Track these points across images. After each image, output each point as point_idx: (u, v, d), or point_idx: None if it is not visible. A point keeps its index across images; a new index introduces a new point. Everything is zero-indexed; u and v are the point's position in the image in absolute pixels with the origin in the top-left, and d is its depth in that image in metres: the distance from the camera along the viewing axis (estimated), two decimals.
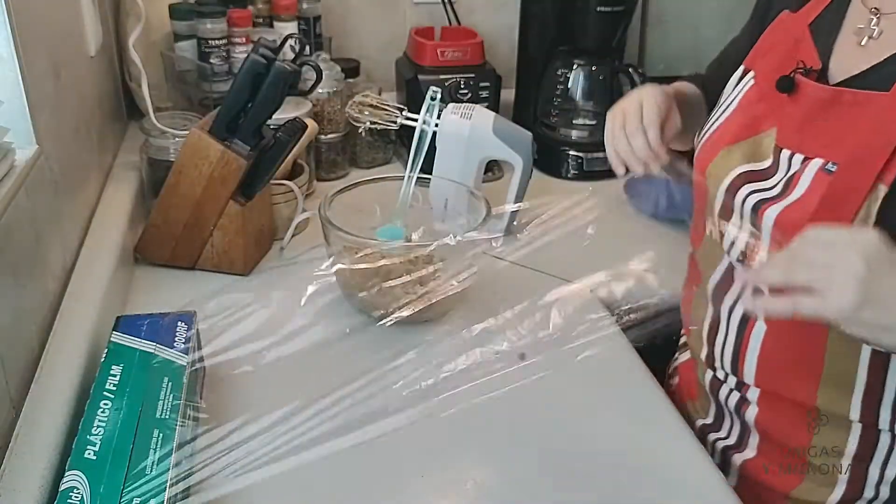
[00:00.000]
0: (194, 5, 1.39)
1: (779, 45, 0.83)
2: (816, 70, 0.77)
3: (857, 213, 0.67)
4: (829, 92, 0.74)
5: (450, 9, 1.63)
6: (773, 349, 0.79)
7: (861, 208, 0.67)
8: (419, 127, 1.15)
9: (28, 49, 0.84)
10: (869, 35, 0.74)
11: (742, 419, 0.87)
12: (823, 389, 0.77)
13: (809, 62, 0.77)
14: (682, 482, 0.79)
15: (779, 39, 0.83)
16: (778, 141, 0.78)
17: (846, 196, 0.68)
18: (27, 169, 0.81)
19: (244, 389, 0.85)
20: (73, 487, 0.63)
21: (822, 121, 0.74)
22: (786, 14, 0.85)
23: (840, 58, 0.76)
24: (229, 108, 1.01)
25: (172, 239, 1.08)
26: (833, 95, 0.73)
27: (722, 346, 0.85)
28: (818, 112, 0.74)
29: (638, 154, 0.86)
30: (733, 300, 0.83)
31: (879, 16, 0.74)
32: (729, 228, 0.81)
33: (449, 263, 1.01)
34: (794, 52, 0.80)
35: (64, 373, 0.77)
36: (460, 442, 0.83)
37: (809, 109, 0.75)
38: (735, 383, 0.86)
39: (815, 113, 0.75)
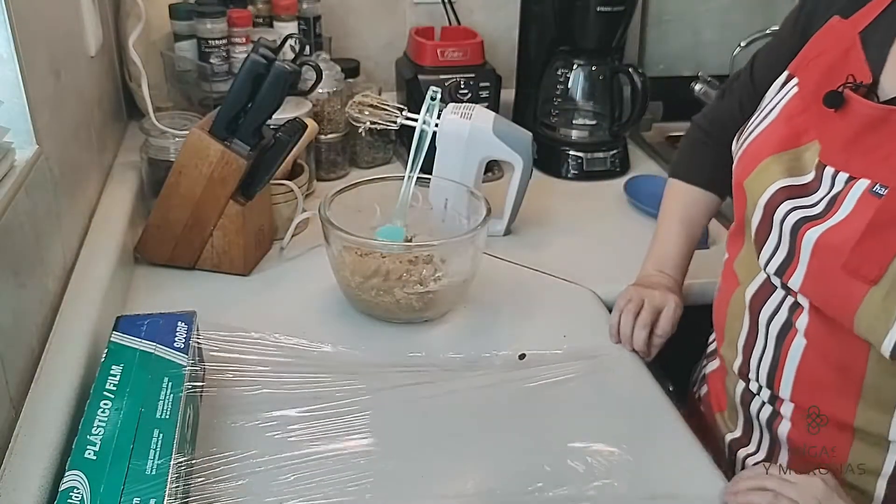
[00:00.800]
0: (194, 5, 1.39)
1: (827, 53, 0.78)
2: (867, 85, 0.72)
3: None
4: (881, 110, 0.69)
5: (450, 9, 1.63)
6: (812, 364, 0.77)
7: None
8: (419, 127, 1.15)
9: (28, 49, 0.84)
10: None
11: (773, 433, 0.85)
12: (863, 408, 0.75)
13: (859, 76, 0.73)
14: (681, 482, 0.79)
15: (827, 47, 0.78)
16: (821, 157, 0.74)
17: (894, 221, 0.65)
18: (27, 169, 0.81)
19: (243, 389, 0.85)
20: (73, 487, 0.63)
21: (871, 139, 0.70)
22: (836, 20, 0.79)
23: (893, 72, 0.72)
24: (229, 108, 1.01)
25: (172, 239, 1.08)
26: (884, 114, 0.69)
27: (759, 358, 0.83)
28: (867, 130, 0.70)
29: (635, 343, 0.96)
30: (772, 311, 0.80)
31: None
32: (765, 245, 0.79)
33: (449, 263, 1.01)
34: (844, 63, 0.75)
35: (64, 373, 0.77)
36: (460, 442, 0.83)
37: (858, 127, 0.71)
38: (769, 397, 0.84)
39: (863, 131, 0.71)
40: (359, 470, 0.77)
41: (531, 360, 0.94)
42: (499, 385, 0.90)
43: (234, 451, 0.77)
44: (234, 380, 0.85)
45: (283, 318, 0.99)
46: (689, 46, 1.73)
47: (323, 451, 0.78)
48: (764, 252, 0.79)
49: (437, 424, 0.85)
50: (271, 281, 1.11)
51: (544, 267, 1.16)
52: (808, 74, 0.79)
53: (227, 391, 0.84)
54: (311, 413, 0.83)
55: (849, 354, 0.73)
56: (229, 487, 0.73)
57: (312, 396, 0.84)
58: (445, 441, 0.83)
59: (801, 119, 0.77)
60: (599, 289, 1.12)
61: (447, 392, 0.89)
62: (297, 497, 0.73)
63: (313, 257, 1.16)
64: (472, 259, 1.01)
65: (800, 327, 0.78)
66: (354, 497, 0.74)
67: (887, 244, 0.65)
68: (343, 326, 1.00)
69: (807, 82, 0.79)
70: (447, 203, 1.22)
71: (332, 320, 1.02)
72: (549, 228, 1.29)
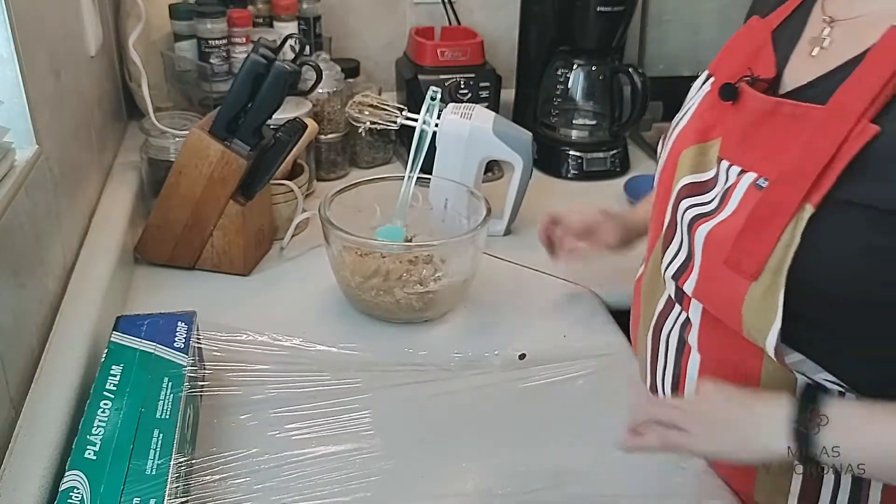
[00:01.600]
0: (194, 5, 1.39)
1: (740, 51, 0.79)
2: (767, 79, 0.72)
3: (782, 236, 0.64)
4: (770, 103, 0.70)
5: (450, 9, 1.63)
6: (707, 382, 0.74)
7: (785, 230, 0.64)
8: (419, 127, 1.15)
9: (28, 49, 0.84)
10: (820, 45, 0.71)
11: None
12: None
13: (763, 71, 0.73)
14: (681, 482, 0.79)
15: (742, 45, 0.80)
16: (721, 152, 0.74)
17: (772, 215, 0.65)
18: (27, 169, 0.81)
19: (243, 389, 0.85)
20: (73, 487, 0.63)
21: (762, 133, 0.70)
22: (755, 19, 0.80)
23: (793, 67, 0.73)
24: (229, 108, 1.01)
25: (172, 239, 1.08)
26: (773, 107, 0.69)
27: (662, 374, 0.83)
28: (758, 124, 0.70)
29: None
30: (668, 330, 0.80)
31: (833, 24, 0.71)
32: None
33: (449, 263, 1.01)
34: (754, 61, 0.75)
35: (64, 373, 0.77)
36: (460, 441, 0.83)
37: (751, 120, 0.71)
38: None
39: (754, 124, 0.71)
40: (358, 469, 0.77)
41: (531, 360, 0.94)
42: (499, 385, 0.90)
43: (234, 451, 0.77)
44: (234, 380, 0.85)
45: (283, 318, 0.99)
46: (689, 46, 1.73)
47: (323, 450, 0.79)
48: (667, 254, 0.78)
49: (437, 424, 0.85)
50: (271, 281, 1.11)
51: (544, 267, 1.16)
52: (721, 72, 0.80)
53: (227, 391, 0.84)
54: (311, 413, 0.83)
55: (742, 363, 0.73)
56: (229, 487, 0.73)
57: (312, 396, 0.85)
58: (445, 440, 0.83)
59: (710, 115, 0.78)
60: (599, 289, 1.12)
61: (447, 392, 0.89)
62: (297, 496, 0.73)
63: (313, 257, 1.16)
64: (472, 259, 1.01)
65: (692, 343, 0.77)
66: (354, 496, 0.74)
67: (764, 239, 0.65)
68: (343, 326, 1.00)
69: (719, 79, 0.79)
70: (447, 203, 1.22)
71: (332, 320, 1.02)
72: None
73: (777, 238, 0.64)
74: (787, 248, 0.64)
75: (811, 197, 0.63)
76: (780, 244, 0.64)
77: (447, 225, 1.13)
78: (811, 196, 0.63)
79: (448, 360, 0.93)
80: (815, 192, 0.63)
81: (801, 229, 0.63)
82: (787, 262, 0.64)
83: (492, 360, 0.94)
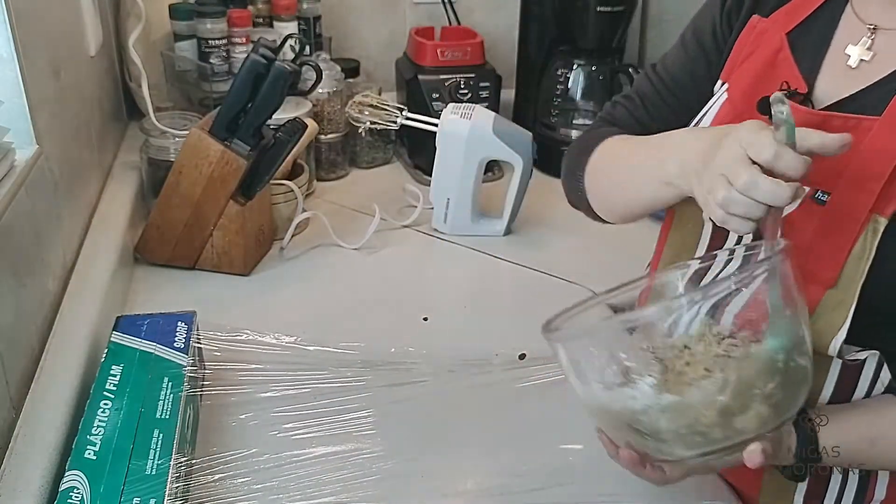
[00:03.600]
0: (194, 5, 1.39)
1: (755, 57, 0.75)
2: (802, 94, 0.69)
3: (854, 247, 0.63)
4: (818, 117, 0.67)
5: (450, 9, 1.63)
6: None
7: (857, 241, 0.63)
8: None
9: (28, 49, 0.84)
10: (862, 58, 0.68)
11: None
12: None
13: (793, 83, 0.70)
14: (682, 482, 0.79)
15: (753, 49, 0.76)
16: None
17: (841, 227, 0.64)
18: (27, 169, 0.81)
19: (243, 389, 0.85)
20: (73, 487, 0.63)
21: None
22: (757, 19, 0.76)
23: (828, 79, 0.70)
24: (229, 108, 1.01)
25: (172, 239, 1.08)
26: (822, 119, 0.66)
27: None
28: None
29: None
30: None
31: (875, 34, 0.67)
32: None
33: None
34: (772, 67, 0.73)
35: (64, 373, 0.77)
36: (460, 441, 0.83)
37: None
38: None
39: None
40: (359, 468, 0.77)
41: (531, 360, 0.94)
42: (499, 385, 0.90)
43: (234, 451, 0.77)
44: (234, 380, 0.85)
45: (283, 318, 0.99)
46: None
47: (323, 449, 0.79)
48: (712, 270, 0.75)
49: (438, 423, 0.85)
50: (271, 281, 1.11)
51: (544, 267, 1.16)
52: (737, 81, 0.76)
53: (227, 391, 0.84)
54: (311, 412, 0.83)
55: None
56: (229, 487, 0.73)
57: (312, 396, 0.84)
58: (446, 440, 0.83)
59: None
60: (599, 289, 1.11)
61: (447, 391, 0.89)
62: (297, 496, 0.73)
63: (313, 257, 1.16)
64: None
65: None
66: (355, 495, 0.74)
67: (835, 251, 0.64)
68: (343, 326, 1.00)
69: (736, 87, 0.76)
70: (448, 203, 1.23)
71: (332, 320, 1.01)
72: (549, 228, 1.29)
73: (849, 249, 0.63)
74: (858, 260, 0.63)
75: (881, 207, 0.62)
76: (852, 256, 0.63)
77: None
78: (881, 207, 0.62)
79: (448, 360, 0.93)
80: (884, 203, 0.62)
81: (876, 242, 0.62)
82: (862, 274, 0.63)
83: (492, 360, 0.94)
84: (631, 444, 0.64)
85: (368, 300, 1.08)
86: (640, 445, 0.63)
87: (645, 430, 0.61)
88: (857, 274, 0.63)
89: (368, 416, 0.83)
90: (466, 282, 1.16)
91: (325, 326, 0.99)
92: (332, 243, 1.18)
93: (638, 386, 0.60)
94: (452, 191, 1.21)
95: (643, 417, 0.60)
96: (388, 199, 1.31)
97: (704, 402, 0.58)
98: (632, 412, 0.60)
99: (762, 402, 0.58)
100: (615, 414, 0.62)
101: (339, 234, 1.19)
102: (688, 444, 0.60)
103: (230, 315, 0.97)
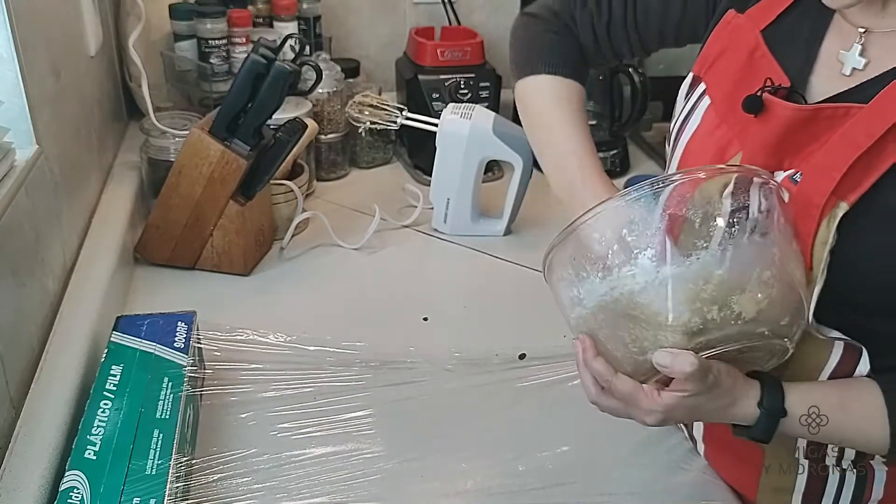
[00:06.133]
0: (194, 5, 1.39)
1: (729, 56, 0.75)
2: (786, 88, 0.69)
3: (817, 232, 0.63)
4: (807, 111, 0.66)
5: (450, 9, 1.63)
6: None
7: (820, 226, 0.63)
8: None
9: (28, 49, 0.84)
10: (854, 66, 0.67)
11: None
12: None
13: (777, 79, 0.70)
14: (681, 482, 0.79)
15: (728, 45, 0.75)
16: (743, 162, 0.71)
17: (807, 211, 0.64)
18: (27, 169, 0.81)
19: (243, 389, 0.85)
20: (73, 487, 0.63)
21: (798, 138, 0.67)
22: (732, 14, 0.75)
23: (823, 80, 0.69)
24: (229, 108, 1.01)
25: (172, 239, 1.08)
26: (811, 114, 0.66)
27: None
28: (793, 131, 0.67)
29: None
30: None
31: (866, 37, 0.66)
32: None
33: None
34: (750, 66, 0.72)
35: (64, 373, 0.77)
36: (460, 441, 0.83)
37: (781, 130, 0.68)
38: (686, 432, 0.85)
39: (787, 133, 0.68)
40: (359, 468, 0.77)
41: (531, 360, 0.94)
42: (499, 385, 0.90)
43: (234, 451, 0.77)
44: (234, 380, 0.85)
45: (283, 318, 0.99)
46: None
47: (323, 449, 0.79)
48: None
49: (437, 423, 0.85)
50: (271, 281, 1.11)
51: None
52: (716, 81, 0.76)
53: (227, 391, 0.84)
54: (311, 412, 0.83)
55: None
56: (229, 487, 0.73)
57: (312, 396, 0.85)
58: (445, 440, 0.83)
59: (721, 132, 0.74)
60: None
61: (447, 391, 0.89)
62: (297, 496, 0.73)
63: (313, 257, 1.16)
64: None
65: None
66: (354, 495, 0.74)
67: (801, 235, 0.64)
68: (343, 326, 1.00)
69: (716, 92, 0.75)
70: (448, 203, 1.23)
71: (332, 320, 1.01)
72: (549, 228, 1.29)
73: (814, 234, 0.63)
74: (823, 244, 0.63)
75: (843, 193, 0.62)
76: (818, 239, 0.63)
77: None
78: (843, 192, 0.62)
79: (448, 360, 0.93)
80: (848, 189, 0.62)
81: (835, 226, 0.62)
82: (824, 259, 0.63)
83: (492, 360, 0.94)
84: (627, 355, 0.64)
85: (368, 300, 1.08)
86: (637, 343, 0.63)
87: (644, 315, 0.61)
88: (822, 258, 0.63)
89: (368, 416, 0.83)
90: (466, 282, 1.16)
91: (325, 326, 0.99)
92: (332, 243, 1.18)
93: (638, 261, 0.61)
94: (452, 191, 1.21)
95: (642, 298, 0.61)
96: (388, 199, 1.31)
97: (703, 275, 0.60)
98: (630, 295, 0.61)
99: (759, 286, 0.60)
100: (613, 305, 0.63)
101: (339, 234, 1.19)
102: (687, 330, 0.60)
103: (230, 315, 0.97)
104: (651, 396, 0.65)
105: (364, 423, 0.82)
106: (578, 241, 0.66)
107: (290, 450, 0.78)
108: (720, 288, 0.59)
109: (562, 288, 0.68)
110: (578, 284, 0.66)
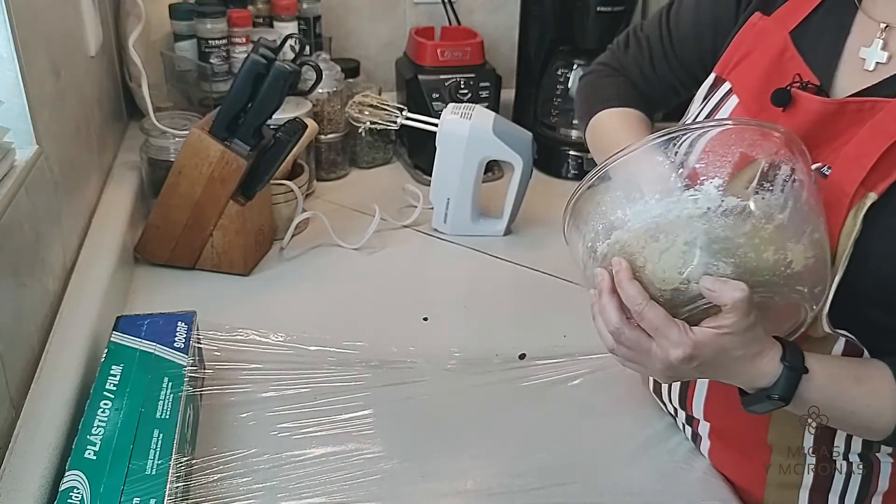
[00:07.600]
0: (194, 5, 1.39)
1: (757, 55, 0.76)
2: (815, 85, 0.70)
3: (845, 223, 0.63)
4: (834, 104, 0.68)
5: (450, 9, 1.63)
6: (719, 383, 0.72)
7: (848, 216, 0.63)
8: None
9: (28, 49, 0.84)
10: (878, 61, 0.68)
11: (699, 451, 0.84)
12: (775, 421, 0.74)
13: (805, 77, 0.71)
14: (681, 482, 0.79)
15: (754, 47, 0.76)
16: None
17: (837, 202, 0.64)
18: (27, 169, 0.81)
19: (243, 389, 0.85)
20: (73, 487, 0.63)
21: (825, 133, 0.68)
22: (758, 17, 0.77)
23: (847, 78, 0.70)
24: (229, 108, 1.01)
25: (172, 239, 1.08)
26: (838, 107, 0.68)
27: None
28: (818, 126, 0.69)
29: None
30: None
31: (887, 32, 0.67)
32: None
33: None
34: (779, 66, 0.73)
35: (64, 373, 0.77)
36: (460, 441, 0.83)
37: (808, 125, 0.69)
38: (686, 418, 0.84)
39: (814, 128, 0.69)
40: (359, 468, 0.77)
41: (531, 360, 0.94)
42: (499, 385, 0.90)
43: (234, 451, 0.77)
44: (234, 380, 0.85)
45: (283, 318, 0.99)
46: None
47: (323, 450, 0.79)
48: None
49: (437, 424, 0.85)
50: (271, 281, 1.11)
51: (544, 267, 1.16)
52: (743, 82, 0.77)
53: (227, 391, 0.84)
54: (311, 412, 0.83)
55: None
56: (229, 487, 0.73)
57: (312, 396, 0.85)
58: (445, 440, 0.83)
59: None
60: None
61: (447, 392, 0.89)
62: (297, 496, 0.73)
63: (313, 257, 1.16)
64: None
65: None
66: (354, 495, 0.74)
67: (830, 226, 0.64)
68: (343, 326, 1.00)
69: (744, 91, 0.76)
70: (448, 203, 1.23)
71: (332, 319, 1.01)
72: (549, 228, 1.29)
73: (841, 224, 0.64)
74: (848, 236, 0.63)
75: (872, 183, 0.63)
76: (844, 230, 0.64)
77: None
78: (872, 182, 0.63)
79: (448, 360, 0.93)
80: (877, 179, 0.62)
81: (860, 217, 0.63)
82: (847, 249, 0.63)
83: (492, 360, 0.94)
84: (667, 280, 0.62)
85: (368, 300, 1.08)
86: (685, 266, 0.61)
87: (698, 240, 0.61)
88: (846, 248, 0.64)
89: (368, 416, 0.83)
90: (466, 282, 1.16)
91: (325, 326, 0.99)
92: (332, 243, 1.18)
93: (703, 188, 0.61)
94: (452, 191, 1.21)
95: (700, 223, 0.61)
96: (388, 199, 1.31)
97: (765, 215, 0.60)
98: (689, 220, 0.61)
99: (810, 243, 0.61)
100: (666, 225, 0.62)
101: (339, 234, 1.19)
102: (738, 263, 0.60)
103: (230, 315, 0.97)
104: (683, 328, 0.63)
105: (364, 423, 0.82)
106: (639, 162, 0.66)
107: (290, 450, 0.78)
108: (779, 231, 0.60)
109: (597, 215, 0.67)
110: (627, 206, 0.64)
